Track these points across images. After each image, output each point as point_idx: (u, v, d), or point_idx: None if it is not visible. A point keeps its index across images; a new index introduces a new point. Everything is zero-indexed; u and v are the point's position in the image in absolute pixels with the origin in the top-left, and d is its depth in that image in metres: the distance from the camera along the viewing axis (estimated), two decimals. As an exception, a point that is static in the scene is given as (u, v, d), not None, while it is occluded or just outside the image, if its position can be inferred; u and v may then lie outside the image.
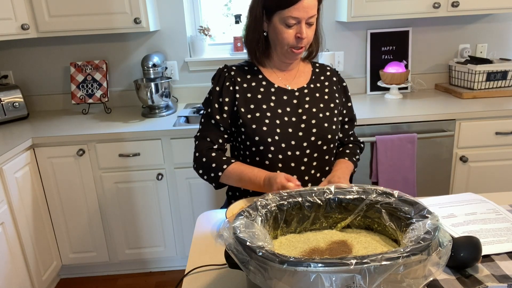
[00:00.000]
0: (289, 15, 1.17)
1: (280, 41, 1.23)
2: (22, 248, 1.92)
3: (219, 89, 1.31)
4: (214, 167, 1.27)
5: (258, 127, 1.26)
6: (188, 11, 2.56)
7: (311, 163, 1.30)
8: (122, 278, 2.35)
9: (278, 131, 1.26)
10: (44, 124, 2.27)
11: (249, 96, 1.29)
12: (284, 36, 1.21)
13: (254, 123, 1.26)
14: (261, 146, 1.26)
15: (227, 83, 1.31)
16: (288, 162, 1.28)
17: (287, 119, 1.28)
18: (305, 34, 1.20)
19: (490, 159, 2.15)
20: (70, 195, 2.14)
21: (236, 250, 0.71)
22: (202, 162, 1.29)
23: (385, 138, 2.03)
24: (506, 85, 2.41)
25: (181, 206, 2.20)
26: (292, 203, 0.92)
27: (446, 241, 0.71)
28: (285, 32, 1.21)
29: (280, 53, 1.28)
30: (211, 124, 1.32)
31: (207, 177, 1.30)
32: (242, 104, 1.29)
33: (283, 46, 1.24)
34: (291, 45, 1.22)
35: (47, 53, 2.54)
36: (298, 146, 1.27)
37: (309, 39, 1.24)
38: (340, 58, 2.58)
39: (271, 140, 1.25)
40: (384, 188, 0.91)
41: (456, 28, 2.58)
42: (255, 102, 1.29)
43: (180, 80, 2.61)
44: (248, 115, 1.27)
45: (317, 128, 1.28)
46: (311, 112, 1.29)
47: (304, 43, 1.23)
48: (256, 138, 1.26)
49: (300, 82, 1.35)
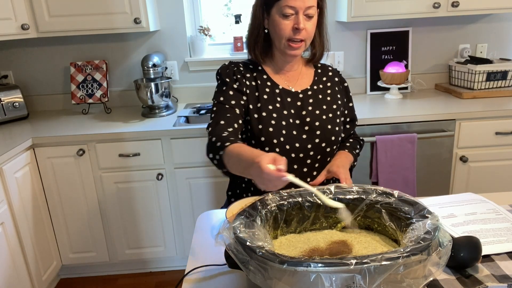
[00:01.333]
0: (285, 4, 1.17)
1: (278, 34, 1.22)
2: (22, 248, 1.92)
3: (229, 80, 1.27)
4: (218, 145, 1.13)
5: (264, 128, 1.25)
6: (188, 11, 2.56)
7: (313, 165, 1.30)
8: (122, 278, 2.35)
9: (284, 133, 1.25)
10: (44, 124, 2.27)
11: (257, 95, 1.29)
12: (282, 27, 1.20)
13: (260, 123, 1.26)
14: (266, 147, 1.25)
15: (238, 76, 1.28)
16: (291, 163, 1.27)
17: (291, 121, 1.27)
18: (302, 24, 1.18)
19: (490, 159, 2.15)
20: (70, 195, 2.14)
21: (236, 250, 0.71)
22: (211, 142, 1.16)
23: (385, 138, 2.03)
24: (506, 85, 2.41)
25: (181, 206, 2.20)
26: (292, 203, 0.92)
27: (446, 241, 0.71)
28: (282, 23, 1.20)
29: (279, 49, 1.27)
30: (225, 109, 1.23)
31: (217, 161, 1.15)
32: (250, 100, 1.27)
33: (281, 39, 1.22)
34: (289, 37, 1.21)
35: (47, 53, 2.54)
36: (302, 148, 1.27)
37: (308, 33, 1.22)
38: (340, 58, 2.58)
39: (277, 141, 1.25)
40: (384, 188, 0.91)
41: (456, 28, 2.58)
42: (262, 102, 1.28)
43: (180, 80, 2.61)
44: (255, 114, 1.26)
45: (321, 130, 1.28)
46: (315, 114, 1.29)
47: (303, 36, 1.20)
48: (262, 139, 1.25)
49: (304, 84, 1.34)
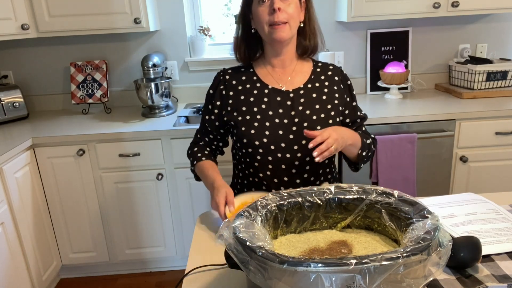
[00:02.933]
0: None
1: (259, 23, 1.23)
2: (22, 248, 1.92)
3: (213, 92, 1.36)
4: (191, 160, 1.38)
5: (246, 130, 1.26)
6: (188, 11, 2.56)
7: (303, 166, 1.28)
8: (122, 278, 2.35)
9: (267, 133, 1.25)
10: (44, 124, 2.27)
11: (242, 99, 1.30)
12: (260, 13, 1.21)
13: (243, 126, 1.26)
14: (249, 149, 1.26)
15: (221, 87, 1.34)
16: (278, 164, 1.26)
17: (278, 121, 1.26)
18: (278, 4, 1.18)
19: (490, 159, 2.15)
20: (70, 195, 2.14)
21: (236, 250, 0.71)
22: (187, 154, 1.42)
23: (385, 138, 2.03)
24: (506, 85, 2.41)
25: (181, 206, 2.20)
26: (292, 203, 0.92)
27: (446, 241, 0.71)
28: (260, 10, 1.21)
29: (266, 39, 1.26)
30: (202, 123, 1.40)
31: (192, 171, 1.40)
32: (234, 107, 1.30)
33: (263, 26, 1.22)
34: (268, 21, 1.21)
35: (47, 53, 2.54)
36: (289, 149, 1.25)
37: (289, 14, 1.21)
38: (340, 58, 2.58)
39: (259, 142, 1.25)
40: (384, 188, 0.91)
41: (456, 28, 2.58)
42: (247, 105, 1.29)
43: (180, 80, 2.61)
44: (239, 118, 1.28)
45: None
46: (304, 114, 1.26)
47: (283, 17, 1.20)
48: (244, 141, 1.26)
49: (296, 82, 1.32)
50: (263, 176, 1.29)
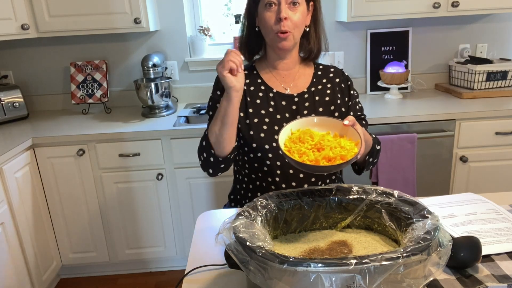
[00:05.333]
0: None
1: (264, 27, 1.22)
2: (22, 248, 1.92)
3: (220, 93, 1.30)
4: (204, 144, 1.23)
5: (255, 134, 1.25)
6: (188, 11, 2.56)
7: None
8: (122, 278, 2.35)
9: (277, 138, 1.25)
10: (44, 124, 2.27)
11: (248, 100, 1.28)
12: (266, 19, 1.20)
13: (252, 130, 1.25)
14: (259, 153, 1.25)
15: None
16: (286, 168, 1.25)
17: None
18: (284, 13, 1.17)
19: (490, 159, 2.15)
20: (70, 195, 2.14)
21: (236, 250, 0.71)
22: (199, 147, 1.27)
23: (385, 138, 2.03)
24: (506, 85, 2.41)
25: (181, 206, 2.20)
26: (292, 203, 0.92)
27: (446, 241, 0.71)
28: (267, 15, 1.20)
29: (271, 45, 1.26)
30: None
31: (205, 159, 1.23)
32: (241, 108, 1.27)
33: (269, 32, 1.22)
34: (274, 28, 1.20)
35: (47, 53, 2.54)
36: None
37: (294, 23, 1.20)
38: (340, 58, 2.58)
39: (269, 147, 1.24)
40: (384, 188, 0.91)
41: (456, 28, 2.58)
42: (254, 107, 1.27)
43: (180, 80, 2.61)
44: (246, 120, 1.26)
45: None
46: None
47: (288, 26, 1.19)
48: (254, 145, 1.25)
49: (300, 85, 1.32)
50: (272, 180, 1.27)
